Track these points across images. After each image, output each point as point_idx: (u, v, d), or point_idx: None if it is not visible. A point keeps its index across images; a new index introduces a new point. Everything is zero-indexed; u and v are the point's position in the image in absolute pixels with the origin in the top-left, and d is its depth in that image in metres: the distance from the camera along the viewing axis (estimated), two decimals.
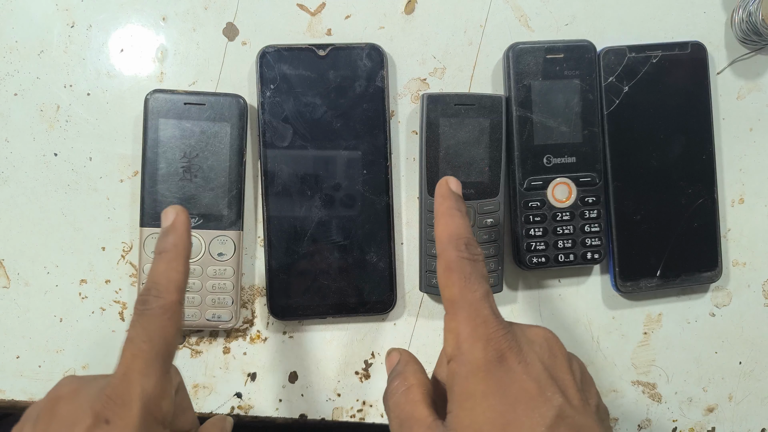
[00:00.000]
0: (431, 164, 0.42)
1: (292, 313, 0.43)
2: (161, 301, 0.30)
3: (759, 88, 0.47)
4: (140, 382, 0.28)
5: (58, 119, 0.43)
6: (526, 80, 0.42)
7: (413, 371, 0.33)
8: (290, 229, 0.42)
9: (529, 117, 0.42)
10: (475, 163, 0.42)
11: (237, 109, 0.41)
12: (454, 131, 0.42)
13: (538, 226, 0.43)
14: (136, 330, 0.29)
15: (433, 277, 0.42)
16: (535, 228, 0.43)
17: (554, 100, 0.42)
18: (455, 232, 0.33)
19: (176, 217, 0.32)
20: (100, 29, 0.43)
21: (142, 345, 0.29)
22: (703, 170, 0.45)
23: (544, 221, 0.43)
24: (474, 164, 0.42)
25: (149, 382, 0.29)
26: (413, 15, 0.44)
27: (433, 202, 0.35)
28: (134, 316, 0.30)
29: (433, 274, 0.42)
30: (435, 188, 0.36)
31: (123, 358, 0.29)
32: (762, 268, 0.47)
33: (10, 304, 0.43)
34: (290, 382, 0.44)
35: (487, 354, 0.29)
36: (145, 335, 0.29)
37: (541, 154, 0.43)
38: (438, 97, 0.42)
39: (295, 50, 0.42)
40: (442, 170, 0.42)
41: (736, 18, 0.45)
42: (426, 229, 0.42)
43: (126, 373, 0.29)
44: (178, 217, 0.32)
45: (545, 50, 0.42)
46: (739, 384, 0.47)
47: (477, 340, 0.29)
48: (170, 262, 0.31)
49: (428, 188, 0.42)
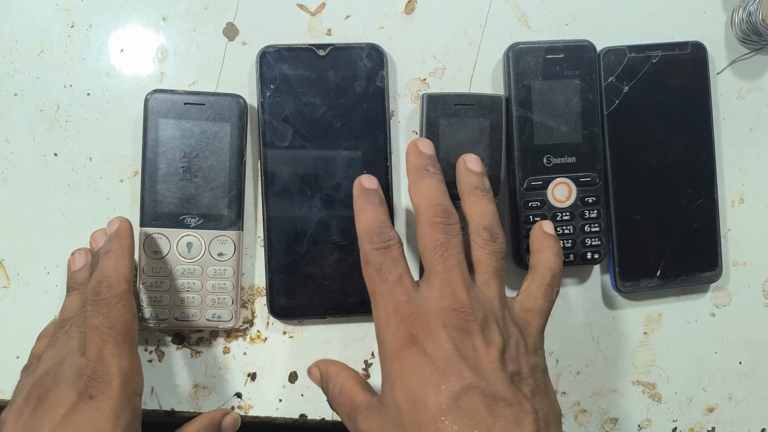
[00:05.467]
0: None
1: (292, 313, 0.43)
2: (114, 291, 0.34)
3: (759, 88, 0.47)
4: (116, 362, 0.33)
5: (58, 119, 0.43)
6: (526, 80, 0.42)
7: (335, 372, 0.37)
8: (290, 229, 0.42)
9: (529, 117, 0.42)
10: None
11: (237, 109, 0.41)
12: (454, 131, 0.42)
13: None
14: (99, 319, 0.34)
15: None
16: None
17: (554, 100, 0.42)
18: (366, 226, 0.35)
19: (120, 225, 0.38)
20: (100, 29, 0.43)
21: (108, 330, 0.33)
22: (703, 170, 0.45)
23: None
24: None
25: (123, 361, 0.33)
26: (413, 15, 0.45)
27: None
28: (91, 308, 0.34)
29: None
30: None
31: (93, 344, 0.33)
32: (762, 268, 0.47)
33: (10, 304, 0.43)
34: (290, 382, 0.44)
35: (397, 340, 0.32)
36: (108, 322, 0.33)
37: (541, 154, 0.43)
38: (438, 97, 0.42)
39: (295, 50, 0.42)
40: (443, 170, 0.42)
41: (736, 18, 0.45)
42: None
43: (100, 356, 0.33)
44: (121, 224, 0.38)
45: (545, 50, 0.42)
46: (739, 384, 0.47)
47: (389, 327, 0.33)
48: (117, 259, 0.36)
49: None
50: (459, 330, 0.33)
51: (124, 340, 0.34)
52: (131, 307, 0.35)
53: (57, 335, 0.37)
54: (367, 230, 0.35)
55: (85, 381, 0.32)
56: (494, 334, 0.33)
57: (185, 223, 0.41)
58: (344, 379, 0.36)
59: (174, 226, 0.41)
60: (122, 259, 0.36)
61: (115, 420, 0.32)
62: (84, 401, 0.32)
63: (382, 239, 0.35)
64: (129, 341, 0.34)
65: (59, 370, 0.33)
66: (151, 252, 0.41)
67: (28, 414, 0.32)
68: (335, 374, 0.37)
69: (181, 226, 0.41)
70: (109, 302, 0.34)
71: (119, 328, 0.34)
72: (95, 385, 0.32)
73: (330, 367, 0.38)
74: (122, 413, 0.32)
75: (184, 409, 0.43)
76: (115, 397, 0.32)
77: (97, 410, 0.32)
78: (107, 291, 0.34)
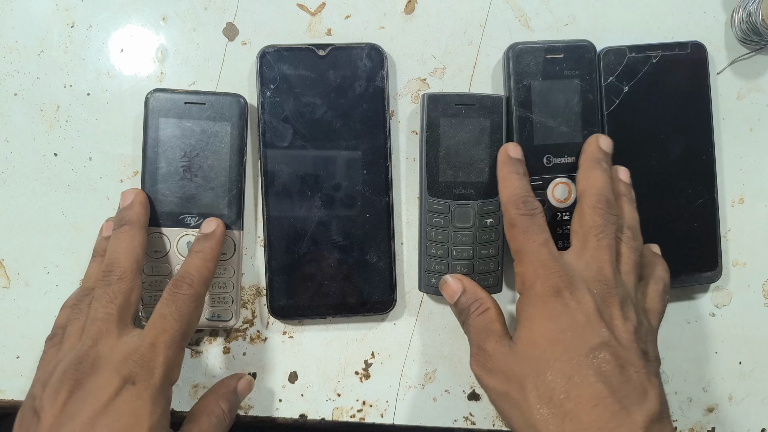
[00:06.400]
0: (431, 164, 0.42)
1: (292, 313, 0.43)
2: (193, 290, 0.36)
3: (759, 88, 0.47)
4: (165, 352, 0.34)
5: (58, 119, 0.43)
6: (526, 80, 0.42)
7: (485, 296, 0.39)
8: (290, 229, 0.42)
9: (529, 117, 0.42)
10: (476, 163, 0.42)
11: (237, 109, 0.41)
12: (454, 131, 0.42)
13: None
14: (170, 308, 0.35)
15: (432, 277, 0.42)
16: None
17: (554, 100, 0.42)
18: (513, 193, 0.39)
19: (217, 227, 0.39)
20: (100, 29, 0.43)
21: (173, 323, 0.35)
22: (703, 170, 0.45)
23: None
24: (474, 164, 0.42)
25: (171, 353, 0.35)
26: (413, 15, 0.45)
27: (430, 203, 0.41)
28: (166, 297, 0.36)
29: (432, 274, 0.42)
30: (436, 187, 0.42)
31: (152, 330, 0.35)
32: (762, 268, 0.47)
33: (10, 304, 0.43)
34: (290, 382, 0.44)
35: (544, 288, 0.35)
36: (178, 314, 0.35)
37: (541, 154, 0.42)
38: (438, 97, 0.42)
39: (295, 50, 0.42)
40: (443, 170, 0.42)
41: (736, 18, 0.45)
42: (426, 229, 0.42)
43: (154, 344, 0.34)
44: (218, 227, 0.39)
45: (545, 50, 0.42)
46: (739, 384, 0.47)
47: (536, 278, 0.36)
48: (205, 261, 0.38)
49: (428, 188, 0.42)
50: (601, 297, 0.36)
51: (182, 335, 0.35)
52: (200, 310, 0.38)
53: (80, 305, 0.37)
54: (513, 197, 0.38)
55: (130, 366, 0.33)
56: (631, 314, 0.36)
57: (185, 222, 0.41)
58: (493, 306, 0.39)
59: (174, 225, 0.41)
60: (209, 263, 0.38)
61: (153, 407, 0.33)
62: (127, 387, 0.33)
63: (528, 207, 0.38)
64: (184, 337, 0.36)
65: (98, 352, 0.34)
66: (152, 251, 0.41)
67: (66, 396, 0.33)
68: (485, 298, 0.39)
69: (181, 225, 0.41)
70: (186, 299, 0.36)
71: (184, 323, 0.35)
72: (139, 371, 0.33)
73: (479, 290, 0.40)
74: (159, 401, 0.34)
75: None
76: (155, 385, 0.33)
77: (137, 397, 0.33)
78: (188, 289, 0.36)
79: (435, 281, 0.42)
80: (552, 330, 0.34)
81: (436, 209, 0.42)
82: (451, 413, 0.45)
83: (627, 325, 0.35)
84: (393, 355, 0.45)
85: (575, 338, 0.34)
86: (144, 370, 0.33)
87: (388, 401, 0.45)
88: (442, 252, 0.42)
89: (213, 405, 0.38)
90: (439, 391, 0.45)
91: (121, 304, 0.35)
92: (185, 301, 0.36)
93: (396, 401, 0.45)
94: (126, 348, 0.34)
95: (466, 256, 0.42)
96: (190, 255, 0.38)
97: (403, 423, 0.45)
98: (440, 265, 0.42)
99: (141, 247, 0.38)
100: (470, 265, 0.42)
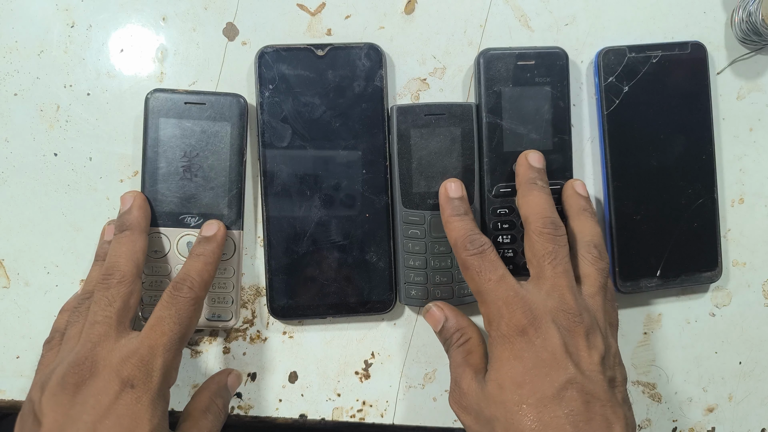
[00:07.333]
0: (404, 176, 0.42)
1: (292, 313, 0.43)
2: (193, 294, 0.36)
3: (759, 88, 0.47)
4: (163, 355, 0.34)
5: (58, 119, 0.43)
6: (497, 86, 0.42)
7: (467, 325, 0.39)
8: (290, 229, 0.42)
9: (498, 124, 0.42)
10: (449, 172, 0.42)
11: (237, 109, 0.41)
12: (425, 142, 0.42)
13: (506, 233, 0.43)
14: (169, 311, 0.35)
15: (412, 289, 0.42)
16: (503, 235, 0.43)
17: (525, 107, 0.42)
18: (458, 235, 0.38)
19: (218, 230, 0.39)
20: (100, 29, 0.43)
21: (172, 326, 0.35)
22: (703, 170, 0.45)
23: (512, 228, 0.43)
24: (447, 173, 0.42)
25: (169, 356, 0.35)
26: (413, 15, 0.45)
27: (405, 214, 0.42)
28: (166, 299, 0.36)
29: (412, 286, 0.42)
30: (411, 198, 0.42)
31: (152, 333, 0.35)
32: (762, 268, 0.47)
33: (10, 304, 0.43)
34: (290, 382, 0.44)
35: (509, 328, 0.35)
36: (177, 318, 0.35)
37: (511, 161, 0.42)
38: (408, 108, 0.42)
39: (293, 50, 0.42)
40: (416, 181, 0.42)
41: (736, 18, 0.45)
42: (403, 241, 0.42)
43: (153, 347, 0.34)
44: (220, 230, 0.39)
45: (516, 56, 0.42)
46: (739, 384, 0.47)
47: (501, 318, 0.35)
48: (206, 265, 0.38)
49: (403, 200, 0.42)
50: (566, 329, 0.35)
51: (181, 339, 0.35)
52: (199, 313, 0.37)
53: (80, 309, 0.37)
54: (459, 239, 0.38)
55: (129, 369, 0.33)
56: (597, 341, 0.36)
57: (185, 222, 0.41)
58: (474, 336, 0.39)
59: (174, 225, 0.41)
60: (210, 267, 0.38)
61: (152, 411, 0.33)
62: (126, 390, 0.33)
63: (475, 246, 0.37)
64: (183, 341, 0.36)
65: (97, 355, 0.34)
66: (152, 251, 0.41)
67: (66, 400, 0.33)
68: (467, 327, 0.39)
69: (181, 225, 0.41)
70: (186, 302, 0.36)
71: (183, 327, 0.35)
72: (138, 374, 0.33)
73: (461, 318, 0.40)
74: (159, 404, 0.34)
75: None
76: (154, 388, 0.34)
77: (137, 400, 0.33)
78: (188, 292, 0.36)
79: (415, 293, 0.42)
80: (519, 372, 0.34)
81: (412, 220, 0.42)
82: (451, 413, 0.45)
83: (593, 355, 0.35)
84: (393, 355, 0.45)
85: (541, 378, 0.34)
86: (143, 373, 0.33)
87: (388, 401, 0.45)
88: (420, 263, 0.42)
89: (209, 402, 0.38)
90: (439, 391, 0.45)
91: (120, 307, 0.35)
92: (185, 304, 0.36)
93: (396, 401, 0.45)
94: (124, 351, 0.34)
95: (444, 266, 0.42)
96: (191, 257, 0.38)
97: (403, 423, 0.45)
98: (419, 276, 0.42)
99: (141, 252, 0.38)
100: (449, 275, 0.42)
